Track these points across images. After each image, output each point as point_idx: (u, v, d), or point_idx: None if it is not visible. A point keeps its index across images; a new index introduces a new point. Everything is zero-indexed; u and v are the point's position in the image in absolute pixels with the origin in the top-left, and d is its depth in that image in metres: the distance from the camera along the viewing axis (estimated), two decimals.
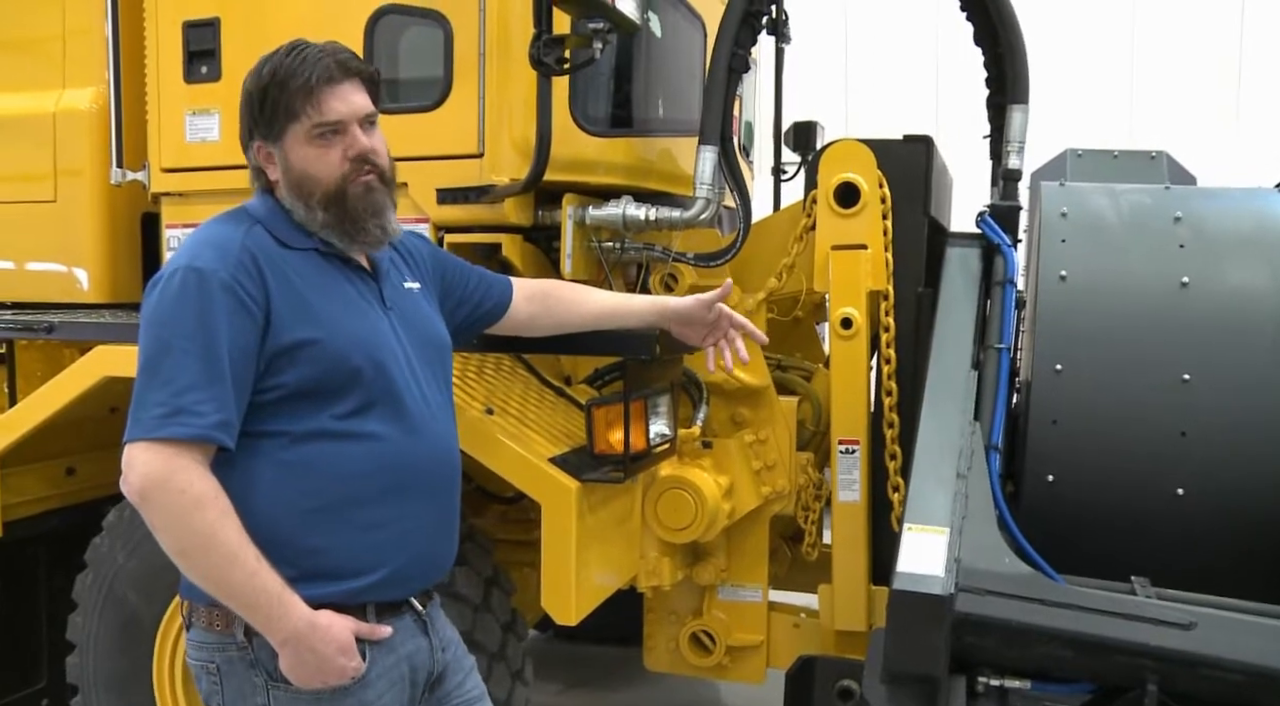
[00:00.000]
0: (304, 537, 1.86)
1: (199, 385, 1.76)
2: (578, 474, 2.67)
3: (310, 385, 1.87)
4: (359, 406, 1.90)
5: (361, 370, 1.91)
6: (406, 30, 3.02)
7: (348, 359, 1.89)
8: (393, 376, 1.96)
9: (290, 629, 1.79)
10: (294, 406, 1.87)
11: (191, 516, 1.74)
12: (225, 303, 1.80)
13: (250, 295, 1.83)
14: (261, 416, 1.85)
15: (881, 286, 3.03)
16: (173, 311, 1.80)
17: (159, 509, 1.76)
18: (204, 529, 1.75)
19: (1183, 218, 2.85)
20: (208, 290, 1.80)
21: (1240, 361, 2.63)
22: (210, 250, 1.86)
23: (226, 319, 1.80)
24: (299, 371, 1.86)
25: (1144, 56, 9.46)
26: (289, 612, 1.79)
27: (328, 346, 1.88)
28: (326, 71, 1.92)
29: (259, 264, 1.87)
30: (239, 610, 1.81)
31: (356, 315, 1.97)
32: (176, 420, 1.74)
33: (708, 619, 3.36)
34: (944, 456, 2.47)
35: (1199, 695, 2.15)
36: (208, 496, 1.75)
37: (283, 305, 1.86)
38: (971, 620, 2.18)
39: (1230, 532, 2.60)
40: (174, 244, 3.28)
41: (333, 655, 1.83)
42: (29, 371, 3.55)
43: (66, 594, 3.27)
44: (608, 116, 3.22)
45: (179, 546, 1.78)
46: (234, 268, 1.83)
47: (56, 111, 3.49)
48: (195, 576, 1.80)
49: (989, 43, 3.36)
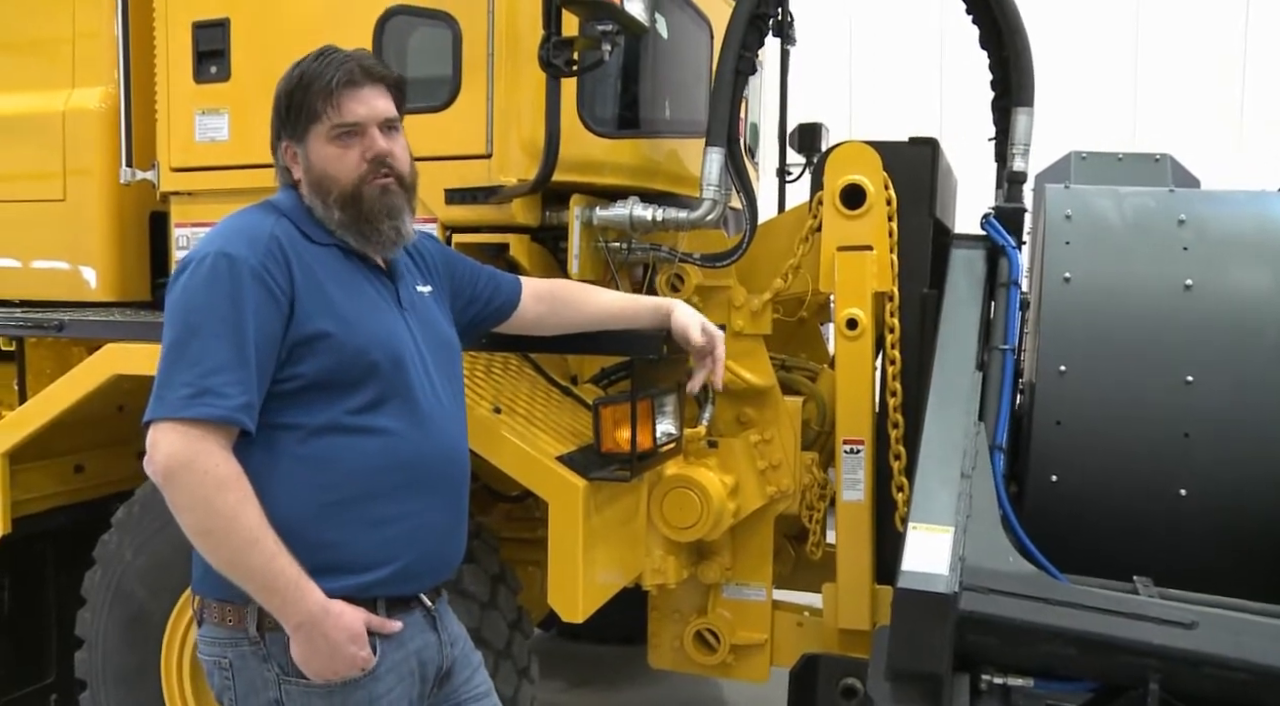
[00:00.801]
0: (317, 531, 1.88)
1: (226, 368, 1.79)
2: (585, 472, 2.69)
3: (327, 377, 1.89)
4: (373, 401, 1.93)
5: (379, 364, 1.93)
6: (415, 31, 3.03)
7: (366, 353, 1.92)
8: (408, 375, 1.99)
9: (305, 613, 1.81)
10: (310, 399, 1.89)
11: (215, 498, 1.76)
12: (255, 290, 1.83)
13: (278, 284, 1.86)
14: (277, 408, 1.87)
15: (887, 287, 3.05)
16: (204, 295, 1.83)
17: (183, 489, 1.78)
18: (227, 510, 1.77)
19: (1186, 220, 2.86)
20: (238, 276, 1.83)
21: (1243, 363, 2.64)
22: (241, 237, 1.89)
23: (255, 306, 1.83)
24: (317, 362, 1.88)
25: (1148, 60, 9.47)
26: (305, 597, 1.81)
27: (346, 339, 1.91)
28: (348, 74, 1.96)
29: (286, 254, 1.90)
30: (256, 593, 1.82)
31: (376, 313, 2.00)
32: (203, 401, 1.77)
33: (712, 617, 3.37)
34: (948, 456, 2.48)
35: (1201, 694, 2.16)
36: (231, 478, 1.78)
37: (306, 296, 1.89)
38: (975, 618, 2.19)
39: (1232, 533, 2.61)
40: (183, 243, 3.30)
41: (344, 642, 1.84)
42: (38, 369, 3.57)
43: (75, 590, 3.28)
44: (615, 117, 3.24)
45: (202, 526, 1.79)
46: (263, 255, 1.87)
47: (66, 111, 3.51)
48: (215, 558, 1.81)
49: (994, 46, 3.37)
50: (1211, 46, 9.27)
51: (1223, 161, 7.69)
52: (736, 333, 3.17)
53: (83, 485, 3.72)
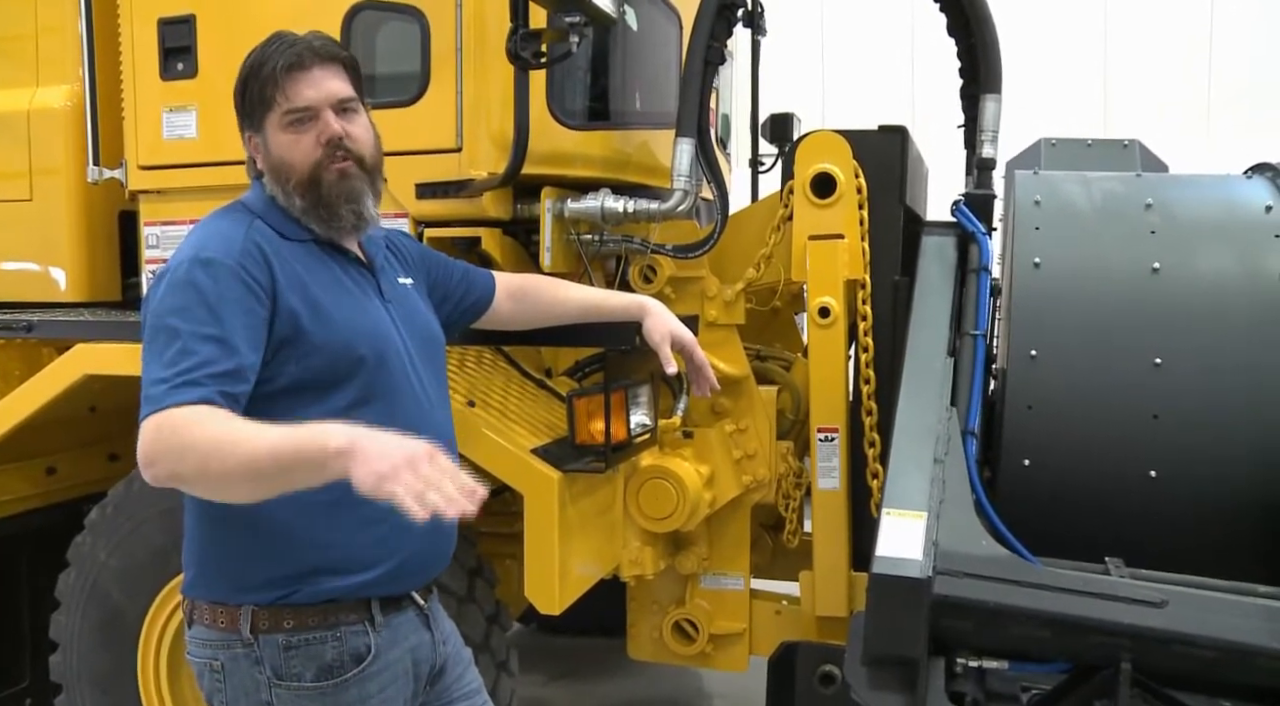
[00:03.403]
0: (310, 532, 1.87)
1: (207, 363, 1.74)
2: (559, 464, 2.69)
3: (314, 374, 1.88)
4: (359, 398, 1.91)
5: (364, 359, 1.92)
6: (383, 26, 3.01)
7: (352, 349, 1.91)
8: (393, 368, 1.98)
9: (338, 442, 1.58)
10: (296, 398, 1.87)
11: (195, 439, 1.65)
12: (234, 289, 1.81)
13: (258, 282, 1.84)
14: (265, 408, 1.84)
15: (858, 275, 3.06)
16: (181, 299, 1.80)
17: (164, 459, 1.67)
18: (210, 442, 1.64)
19: (1154, 204, 2.89)
20: (216, 278, 1.81)
21: (1211, 346, 2.67)
22: (216, 241, 1.87)
23: (235, 304, 1.80)
24: (304, 360, 1.87)
25: (1117, 47, 9.54)
26: (323, 451, 1.59)
27: (332, 336, 1.89)
28: (295, 57, 1.92)
29: (265, 254, 1.88)
30: (292, 484, 1.65)
31: (359, 306, 1.98)
32: (180, 391, 1.70)
33: (690, 607, 3.38)
34: (921, 442, 2.49)
35: (1172, 672, 2.19)
36: (195, 416, 1.67)
37: (288, 292, 1.87)
38: (949, 602, 2.20)
39: (1202, 514, 2.64)
40: (153, 241, 3.27)
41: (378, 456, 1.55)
42: (7, 371, 3.54)
43: (49, 593, 3.26)
44: (585, 110, 3.23)
45: (201, 472, 1.66)
46: (240, 255, 1.84)
47: (30, 109, 3.47)
48: (236, 480, 1.66)
49: (962, 34, 3.39)
50: (1180, 33, 9.34)
51: (1191, 147, 7.76)
52: (710, 323, 3.17)
53: (55, 487, 3.70)
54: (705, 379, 2.55)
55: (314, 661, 1.91)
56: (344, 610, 1.93)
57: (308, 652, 1.91)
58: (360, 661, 1.94)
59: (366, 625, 1.95)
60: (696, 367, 2.54)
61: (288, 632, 1.90)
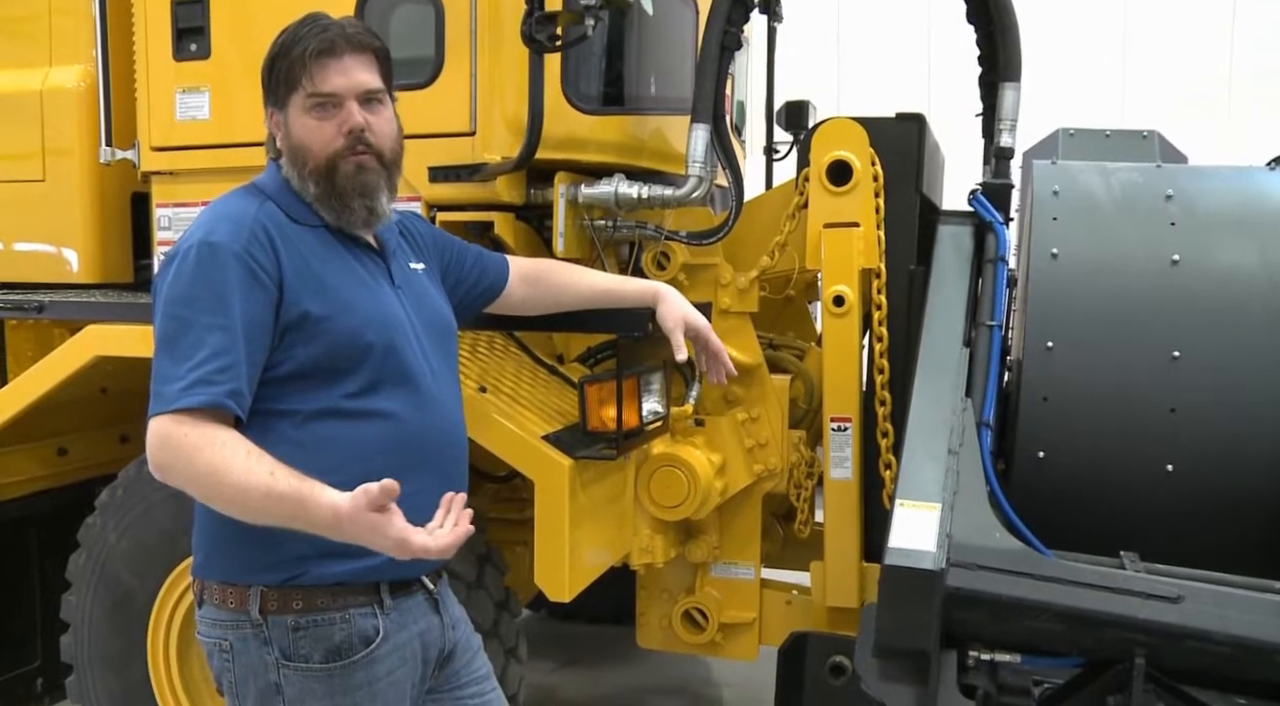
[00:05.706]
0: None
1: (215, 357, 1.77)
2: (571, 451, 2.68)
3: (322, 360, 1.88)
4: (368, 384, 1.91)
5: (373, 346, 1.91)
6: (398, 8, 3.00)
7: (360, 335, 1.90)
8: (403, 354, 1.97)
9: (325, 525, 1.71)
10: (304, 384, 1.87)
11: (195, 462, 1.74)
12: (240, 274, 1.82)
13: (263, 267, 1.84)
14: (273, 394, 1.85)
15: (873, 264, 3.03)
16: (189, 287, 1.81)
17: (171, 470, 1.78)
18: (207, 469, 1.73)
19: (1174, 196, 2.86)
20: (222, 263, 1.81)
21: (1229, 339, 2.65)
22: (224, 224, 1.87)
23: (241, 291, 1.81)
24: (311, 346, 1.87)
25: (1137, 37, 9.46)
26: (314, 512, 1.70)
27: (340, 321, 1.89)
28: (328, 43, 1.91)
29: (272, 237, 1.88)
30: (285, 523, 1.75)
31: (368, 292, 1.97)
32: (192, 391, 1.75)
33: (700, 596, 3.37)
34: (936, 433, 2.48)
35: (1186, 667, 2.17)
36: (204, 440, 1.74)
37: (295, 278, 1.87)
38: (962, 594, 2.19)
39: (1218, 509, 2.62)
40: (165, 223, 3.27)
41: (369, 535, 1.69)
42: (19, 352, 3.55)
43: (59, 574, 3.27)
44: (600, 94, 3.21)
45: (201, 494, 1.81)
46: (247, 240, 1.84)
47: (44, 89, 3.46)
48: (233, 512, 1.78)
49: (981, 21, 3.35)
50: (1200, 23, 9.27)
51: (1211, 138, 7.69)
52: (723, 310, 3.15)
53: (66, 468, 3.71)
54: (721, 364, 2.53)
55: (322, 642, 1.91)
56: (353, 592, 1.93)
57: (316, 634, 1.91)
58: (369, 643, 1.94)
59: (375, 608, 1.95)
60: (712, 353, 2.52)
61: (297, 614, 1.90)
